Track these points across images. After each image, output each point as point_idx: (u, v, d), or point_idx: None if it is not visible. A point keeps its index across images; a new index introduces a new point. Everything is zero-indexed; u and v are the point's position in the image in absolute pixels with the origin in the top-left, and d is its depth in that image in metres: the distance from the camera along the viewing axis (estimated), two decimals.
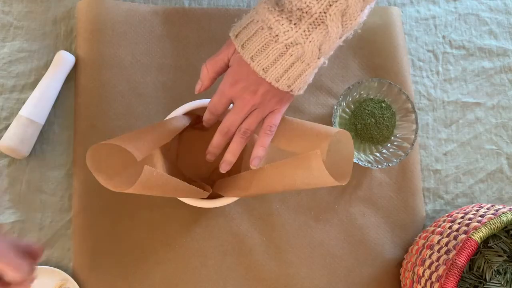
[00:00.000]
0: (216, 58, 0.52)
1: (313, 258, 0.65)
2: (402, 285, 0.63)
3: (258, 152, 0.52)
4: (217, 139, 0.54)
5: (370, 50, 0.71)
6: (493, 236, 0.61)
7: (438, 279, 0.52)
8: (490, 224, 0.52)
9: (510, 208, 0.55)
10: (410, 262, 0.60)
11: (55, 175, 0.62)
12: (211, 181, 0.64)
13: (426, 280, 0.55)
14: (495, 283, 0.59)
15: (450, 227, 0.57)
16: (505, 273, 0.60)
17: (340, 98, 0.65)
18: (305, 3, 0.45)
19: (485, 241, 0.61)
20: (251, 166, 0.52)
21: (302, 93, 0.52)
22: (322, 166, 0.43)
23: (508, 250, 0.61)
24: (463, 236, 0.53)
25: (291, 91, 0.50)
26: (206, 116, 0.55)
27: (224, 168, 0.54)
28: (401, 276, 0.64)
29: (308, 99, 0.68)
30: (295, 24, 0.46)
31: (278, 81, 0.49)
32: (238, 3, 0.70)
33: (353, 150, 0.50)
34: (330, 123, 0.66)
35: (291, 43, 0.47)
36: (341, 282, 0.65)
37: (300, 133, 0.51)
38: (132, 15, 0.66)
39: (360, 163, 0.65)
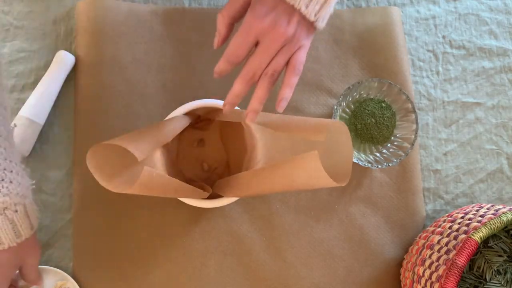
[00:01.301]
0: (231, 0, 0.48)
1: (313, 258, 0.65)
2: (402, 285, 0.63)
3: (286, 93, 0.48)
4: (239, 87, 0.48)
5: (370, 50, 0.71)
6: (493, 236, 0.61)
7: (438, 279, 0.52)
8: (490, 224, 0.52)
9: (510, 208, 0.55)
10: (410, 262, 0.60)
11: (55, 175, 0.62)
12: (211, 181, 0.64)
13: (426, 280, 0.55)
14: (495, 283, 0.59)
15: (450, 227, 0.57)
16: (505, 273, 0.60)
17: (340, 98, 0.65)
18: None
19: (485, 241, 0.61)
20: (278, 109, 0.48)
21: (323, 27, 0.48)
22: (320, 167, 0.43)
23: (508, 250, 0.61)
24: (463, 236, 0.53)
25: (316, 21, 0.47)
26: (220, 67, 0.48)
27: (251, 117, 0.49)
28: (401, 276, 0.64)
29: (308, 99, 0.69)
30: None
31: (308, 6, 0.45)
32: None
33: (351, 145, 0.49)
34: None
35: None
36: (341, 282, 0.65)
37: (300, 120, 0.50)
38: (132, 15, 0.66)
39: (360, 163, 0.65)
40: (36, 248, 0.54)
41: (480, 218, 0.55)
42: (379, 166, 0.64)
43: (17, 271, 0.53)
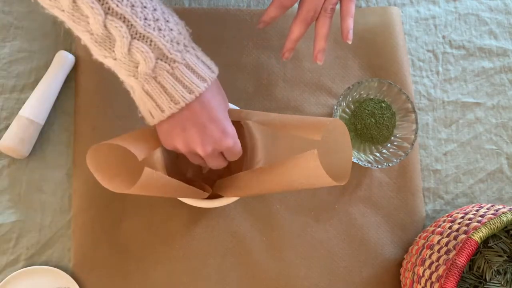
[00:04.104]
0: None
1: (313, 258, 0.65)
2: (402, 285, 0.63)
3: (350, 23, 0.48)
4: (298, 30, 0.48)
5: (370, 50, 0.71)
6: (493, 236, 0.61)
7: (438, 279, 0.52)
8: (490, 224, 0.52)
9: (510, 208, 0.55)
10: (410, 262, 0.60)
11: (55, 175, 0.62)
12: (211, 181, 0.64)
13: (426, 280, 0.55)
14: (495, 283, 0.59)
15: (450, 227, 0.57)
16: (505, 273, 0.60)
17: (340, 98, 0.65)
18: None
19: (485, 241, 0.61)
20: (347, 41, 0.48)
21: None
22: (320, 166, 0.43)
23: (508, 250, 0.61)
24: (463, 236, 0.53)
25: None
26: (270, 14, 0.47)
27: (320, 58, 0.49)
28: (401, 276, 0.64)
29: (308, 99, 0.69)
30: None
31: None
32: (238, 3, 0.70)
33: (350, 143, 0.49)
34: None
35: None
36: (341, 282, 0.65)
37: (298, 119, 0.50)
38: None
39: (360, 163, 0.65)
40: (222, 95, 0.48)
41: (480, 218, 0.55)
42: (379, 166, 0.64)
43: None
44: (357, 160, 0.65)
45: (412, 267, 0.59)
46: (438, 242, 0.57)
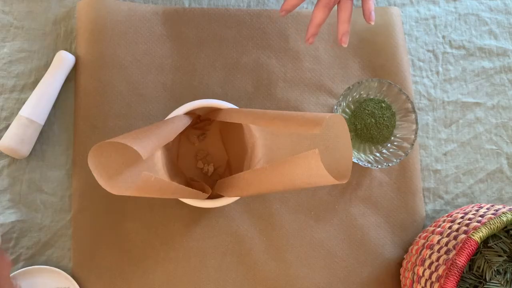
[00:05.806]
0: None
1: (313, 258, 0.65)
2: (402, 285, 0.63)
3: (372, 5, 0.50)
4: (320, 15, 0.49)
5: (370, 50, 0.71)
6: (493, 236, 0.61)
7: (438, 279, 0.52)
8: (490, 224, 0.52)
9: (510, 208, 0.55)
10: (410, 262, 0.60)
11: (55, 175, 0.62)
12: (212, 180, 0.64)
13: (426, 280, 0.55)
14: (495, 283, 0.59)
15: (450, 227, 0.57)
16: (505, 273, 0.60)
17: (340, 98, 0.65)
18: None
19: (485, 241, 0.61)
20: (370, 22, 0.50)
21: None
22: (321, 165, 0.43)
23: (508, 250, 0.61)
24: (463, 236, 0.53)
25: None
26: (291, 2, 0.50)
27: (345, 40, 0.52)
28: (401, 276, 0.64)
29: (308, 99, 0.69)
30: None
31: None
32: (238, 3, 0.71)
33: (349, 138, 0.49)
34: None
35: None
36: (341, 282, 0.65)
37: (298, 114, 0.50)
38: (132, 15, 0.66)
39: (360, 163, 0.65)
40: (3, 261, 0.53)
41: (480, 218, 0.55)
42: (379, 166, 0.64)
43: None
44: (357, 160, 0.65)
45: (412, 267, 0.59)
46: (438, 242, 0.57)
